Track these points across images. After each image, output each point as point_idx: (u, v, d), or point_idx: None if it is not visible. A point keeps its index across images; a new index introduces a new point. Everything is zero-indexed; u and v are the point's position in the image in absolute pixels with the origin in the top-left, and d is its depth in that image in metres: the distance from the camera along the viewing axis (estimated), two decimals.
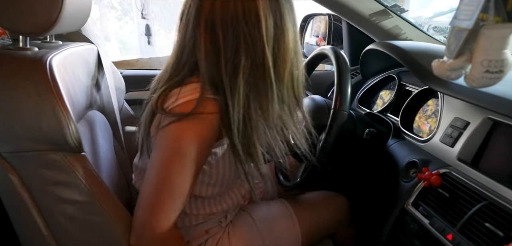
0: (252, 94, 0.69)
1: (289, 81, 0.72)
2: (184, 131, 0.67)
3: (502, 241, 0.58)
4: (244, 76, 0.67)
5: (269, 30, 0.66)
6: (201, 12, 0.67)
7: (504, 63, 0.56)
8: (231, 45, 0.66)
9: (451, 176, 0.76)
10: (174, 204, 0.69)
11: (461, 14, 0.59)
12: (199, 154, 0.68)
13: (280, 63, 0.69)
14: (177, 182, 0.68)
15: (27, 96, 0.66)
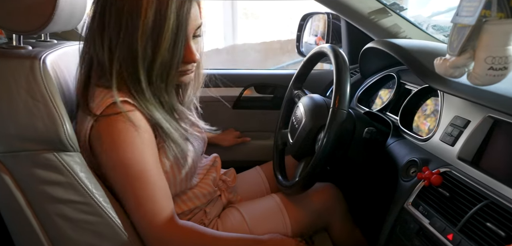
0: (129, 77, 0.72)
1: (159, 76, 0.73)
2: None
3: (504, 241, 0.57)
4: (119, 60, 0.71)
5: (146, 24, 0.68)
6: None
7: (509, 60, 0.55)
8: (113, 28, 0.69)
9: (452, 175, 0.75)
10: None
11: (463, 10, 0.58)
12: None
13: (152, 60, 0.70)
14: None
15: (20, 96, 0.66)
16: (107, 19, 0.70)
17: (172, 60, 0.71)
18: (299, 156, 1.01)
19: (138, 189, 0.71)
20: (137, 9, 0.67)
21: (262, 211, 0.98)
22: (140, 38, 0.68)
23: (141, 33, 0.68)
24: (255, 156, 1.45)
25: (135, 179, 0.71)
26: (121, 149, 0.70)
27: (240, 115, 1.47)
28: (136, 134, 0.70)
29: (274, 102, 1.47)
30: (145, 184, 0.71)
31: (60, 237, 0.72)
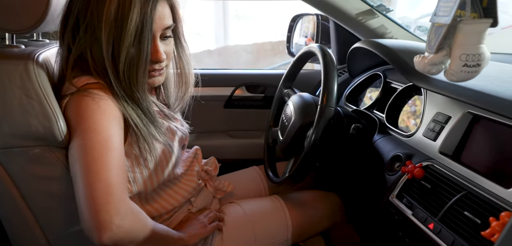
0: (97, 67, 0.72)
1: (127, 71, 0.72)
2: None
3: (479, 228, 0.61)
4: (86, 52, 0.71)
5: (109, 14, 0.68)
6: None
7: (481, 57, 0.59)
8: (77, 20, 0.70)
9: (433, 168, 0.78)
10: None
11: (440, 10, 0.61)
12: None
13: (117, 50, 0.70)
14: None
15: (14, 94, 0.67)
16: (71, 11, 0.72)
17: (138, 57, 0.71)
18: (289, 152, 1.04)
19: (97, 156, 0.65)
20: (100, 4, 0.68)
21: (264, 209, 1.00)
22: (104, 30, 0.68)
23: (104, 24, 0.68)
24: (246, 154, 1.47)
25: (96, 146, 0.66)
26: (87, 118, 0.67)
27: (231, 115, 1.50)
28: (103, 110, 0.69)
29: (264, 101, 1.50)
30: (105, 152, 0.66)
31: (54, 230, 0.74)
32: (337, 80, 0.89)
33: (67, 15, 0.72)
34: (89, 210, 0.63)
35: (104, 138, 0.66)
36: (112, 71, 0.71)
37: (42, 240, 0.74)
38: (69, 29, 0.72)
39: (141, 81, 0.74)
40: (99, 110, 0.68)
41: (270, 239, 0.95)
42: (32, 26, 0.73)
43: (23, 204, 0.72)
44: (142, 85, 0.74)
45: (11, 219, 0.75)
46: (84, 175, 0.64)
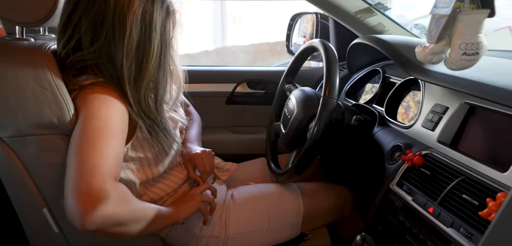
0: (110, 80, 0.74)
1: (148, 93, 0.76)
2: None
3: (477, 209, 0.64)
4: (96, 64, 0.73)
5: (130, 46, 0.72)
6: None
7: (480, 46, 0.62)
8: (88, 26, 0.72)
9: (432, 156, 0.81)
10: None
11: (440, 2, 0.64)
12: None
13: (139, 76, 0.74)
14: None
15: (28, 84, 0.68)
16: (76, 25, 0.73)
17: (159, 79, 0.76)
18: (292, 145, 1.06)
19: (90, 139, 0.65)
20: (122, 29, 0.71)
21: (279, 192, 1.02)
22: (125, 59, 0.72)
23: (125, 55, 0.72)
24: (248, 149, 1.50)
25: (92, 130, 0.66)
26: (89, 105, 0.70)
27: (233, 110, 1.52)
28: (107, 100, 0.71)
29: (265, 97, 1.53)
30: (99, 138, 0.66)
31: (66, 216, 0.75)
32: (339, 75, 0.92)
33: (71, 25, 0.74)
34: (71, 194, 0.60)
35: (101, 125, 0.67)
36: (130, 94, 0.74)
37: (55, 226, 0.76)
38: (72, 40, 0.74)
39: (161, 99, 0.79)
40: (104, 100, 0.71)
41: (282, 220, 0.98)
42: (42, 20, 0.75)
43: (36, 191, 0.73)
44: (160, 101, 0.79)
45: (24, 206, 0.77)
46: (74, 157, 0.63)
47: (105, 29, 0.71)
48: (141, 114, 0.76)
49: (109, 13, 0.71)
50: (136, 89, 0.75)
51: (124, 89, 0.74)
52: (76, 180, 0.61)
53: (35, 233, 0.80)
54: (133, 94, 0.75)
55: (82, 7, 0.72)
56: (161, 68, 0.77)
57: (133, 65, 0.73)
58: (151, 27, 0.73)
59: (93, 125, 0.67)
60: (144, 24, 0.72)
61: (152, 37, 0.73)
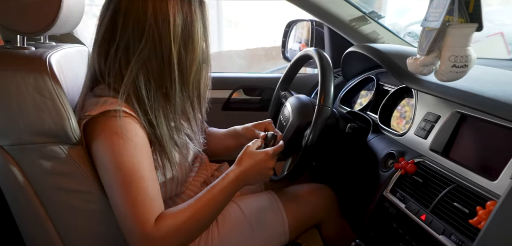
0: (155, 85, 0.75)
1: (195, 80, 0.78)
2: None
3: (468, 217, 0.66)
4: (140, 65, 0.72)
5: (176, 30, 0.72)
6: (111, 3, 0.73)
7: (469, 59, 0.64)
8: (130, 36, 0.71)
9: (425, 164, 0.83)
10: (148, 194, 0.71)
11: (430, 16, 0.66)
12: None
13: (186, 63, 0.75)
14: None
15: (28, 93, 0.69)
16: (118, 29, 0.72)
17: (204, 62, 0.77)
18: (287, 152, 1.07)
19: (124, 192, 0.70)
20: (163, 17, 0.70)
21: (260, 206, 1.02)
22: (174, 47, 0.72)
23: (173, 41, 0.71)
24: None
25: (122, 183, 0.69)
26: (113, 151, 0.70)
27: (229, 117, 1.54)
28: (129, 139, 0.70)
29: (261, 104, 1.54)
30: (132, 189, 0.70)
31: (65, 225, 0.76)
32: (333, 82, 0.94)
33: (112, 33, 0.73)
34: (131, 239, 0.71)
35: (128, 174, 0.69)
36: (179, 83, 0.75)
37: (54, 235, 0.76)
38: (120, 46, 0.72)
39: (205, 84, 0.80)
40: (125, 142, 0.70)
41: (267, 234, 0.98)
42: (44, 29, 0.76)
43: (36, 199, 0.74)
44: (205, 87, 0.81)
45: (24, 214, 0.77)
46: (118, 205, 0.71)
47: (148, 23, 0.71)
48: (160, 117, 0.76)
49: (149, 10, 0.70)
50: (183, 77, 0.75)
51: (164, 80, 0.74)
52: (131, 226, 0.70)
53: (34, 241, 0.81)
54: (180, 80, 0.75)
55: (122, 15, 0.71)
56: (206, 53, 0.78)
57: (181, 49, 0.73)
58: (191, 10, 0.74)
59: (122, 176, 0.69)
60: (183, 9, 0.73)
61: (194, 20, 0.74)
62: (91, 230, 0.78)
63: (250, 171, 0.84)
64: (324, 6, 1.30)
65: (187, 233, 0.75)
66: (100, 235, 0.79)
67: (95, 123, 0.72)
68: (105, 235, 0.80)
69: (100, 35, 0.74)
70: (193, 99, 0.80)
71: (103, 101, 0.72)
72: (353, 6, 1.33)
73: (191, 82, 0.77)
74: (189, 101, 0.79)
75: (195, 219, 0.75)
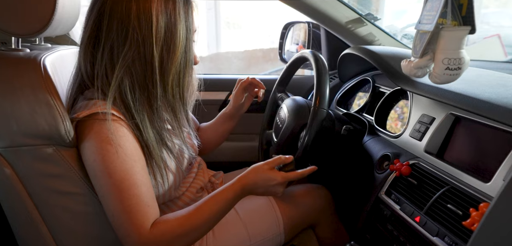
0: (138, 88, 0.74)
1: (175, 83, 0.77)
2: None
3: (461, 218, 0.66)
4: (125, 70, 0.71)
5: (159, 32, 0.72)
6: (95, 5, 0.73)
7: (462, 61, 0.65)
8: (114, 39, 0.71)
9: (419, 166, 0.84)
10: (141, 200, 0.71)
11: (424, 19, 0.67)
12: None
13: (167, 65, 0.74)
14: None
15: (23, 95, 0.69)
16: (103, 32, 0.71)
17: (185, 65, 0.76)
18: (283, 153, 1.07)
19: (117, 198, 0.69)
20: (147, 19, 0.70)
21: (255, 207, 1.02)
22: (156, 49, 0.71)
23: (155, 43, 0.71)
24: (240, 157, 1.51)
25: (115, 190, 0.69)
26: (104, 159, 0.69)
27: None
28: (119, 145, 0.69)
29: (258, 105, 1.54)
30: (125, 196, 0.69)
31: (59, 227, 0.76)
32: (329, 85, 0.94)
33: (96, 36, 0.72)
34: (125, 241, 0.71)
35: (120, 180, 0.69)
36: (160, 88, 0.74)
37: (47, 237, 0.76)
38: (105, 50, 0.72)
39: (187, 86, 0.79)
40: (115, 147, 0.69)
41: (263, 235, 0.98)
42: (38, 31, 0.76)
43: (29, 201, 0.74)
44: (187, 89, 0.79)
45: (18, 217, 0.77)
46: (110, 210, 0.70)
47: (130, 28, 0.70)
48: (150, 120, 0.76)
49: (132, 12, 0.70)
50: (164, 79, 0.75)
51: (146, 81, 0.73)
52: (125, 231, 0.70)
53: (27, 243, 0.81)
54: (161, 81, 0.74)
55: (107, 18, 0.71)
56: (187, 55, 0.77)
57: (164, 51, 0.73)
58: (175, 11, 0.73)
59: (114, 183, 0.69)
60: (167, 10, 0.73)
61: (177, 22, 0.73)
62: (85, 232, 0.77)
63: (258, 188, 0.83)
64: (321, 8, 1.31)
65: (184, 240, 0.74)
66: (95, 237, 0.79)
67: (84, 125, 0.71)
68: (99, 237, 0.80)
69: (86, 38, 0.73)
70: (175, 104, 0.78)
71: (92, 103, 0.71)
72: (349, 8, 1.33)
73: (170, 85, 0.76)
74: (170, 105, 0.78)
75: (194, 227, 0.74)
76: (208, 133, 1.16)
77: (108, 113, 0.69)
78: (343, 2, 1.32)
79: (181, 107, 0.80)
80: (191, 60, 0.78)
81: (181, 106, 0.80)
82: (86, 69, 0.74)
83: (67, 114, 0.73)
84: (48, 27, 0.76)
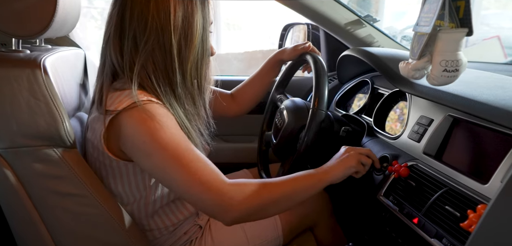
0: (159, 74, 0.75)
1: (193, 71, 0.79)
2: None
3: (459, 220, 0.66)
4: (147, 57, 0.74)
5: (177, 21, 0.74)
6: (117, 3, 0.75)
7: (459, 63, 0.65)
8: (136, 28, 0.73)
9: (418, 168, 0.84)
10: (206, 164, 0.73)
11: (422, 21, 0.67)
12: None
13: (185, 53, 0.76)
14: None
15: (22, 96, 0.70)
16: (126, 22, 0.74)
17: (203, 54, 0.78)
18: (282, 155, 1.08)
19: (180, 167, 0.70)
20: (165, 9, 0.72)
21: None
22: (174, 37, 0.74)
23: (173, 32, 0.73)
24: (240, 158, 1.51)
25: (175, 159, 0.70)
26: (152, 134, 0.69)
27: (225, 119, 1.53)
28: (164, 119, 0.71)
29: (257, 106, 1.54)
30: (187, 160, 0.71)
31: (58, 228, 0.76)
32: (328, 86, 0.95)
33: (121, 27, 0.74)
34: (205, 203, 0.72)
35: (176, 148, 0.70)
36: (180, 76, 0.76)
37: (47, 238, 0.76)
38: (129, 39, 0.74)
39: (204, 76, 0.80)
40: (161, 121, 0.71)
41: (262, 238, 0.98)
42: (39, 32, 0.76)
43: (29, 203, 0.74)
44: (204, 79, 0.81)
45: (18, 218, 0.77)
46: (180, 183, 0.71)
47: (149, 19, 0.72)
48: (181, 102, 0.78)
49: (151, 2, 0.72)
50: (182, 65, 0.76)
51: (169, 72, 0.75)
52: (202, 192, 0.70)
53: (27, 244, 0.81)
54: (181, 71, 0.76)
55: (129, 9, 0.73)
56: (204, 44, 0.79)
57: (181, 39, 0.75)
58: (192, 2, 0.75)
59: (172, 153, 0.70)
60: (185, 1, 0.74)
61: (194, 11, 0.75)
62: (85, 233, 0.78)
63: (334, 168, 0.84)
64: (320, 9, 1.31)
65: (267, 202, 0.75)
66: (95, 240, 0.79)
67: (122, 116, 0.71)
68: (100, 240, 0.80)
69: (112, 29, 0.76)
70: (193, 92, 0.80)
71: (125, 94, 0.72)
72: (348, 10, 1.34)
73: (188, 73, 0.78)
74: (189, 93, 0.80)
75: (277, 198, 0.76)
76: (250, 87, 1.20)
77: (135, 95, 0.70)
78: (342, 3, 1.32)
79: (199, 96, 0.82)
80: (208, 50, 0.80)
81: (199, 95, 0.82)
82: (116, 59, 0.76)
83: (67, 115, 0.73)
84: (48, 28, 0.76)
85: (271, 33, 4.08)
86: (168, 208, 0.89)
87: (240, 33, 4.92)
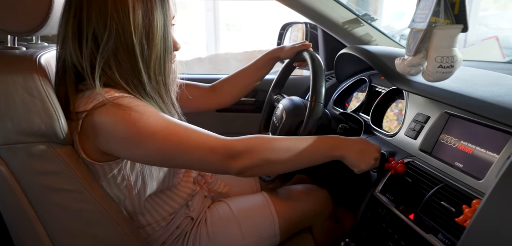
0: (125, 74, 0.74)
1: (157, 69, 0.78)
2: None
3: (454, 215, 0.66)
4: (111, 58, 0.72)
5: (137, 21, 0.72)
6: (71, 3, 0.73)
7: (454, 59, 0.65)
8: (95, 28, 0.71)
9: (414, 164, 0.84)
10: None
11: (417, 17, 0.67)
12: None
13: (148, 52, 0.75)
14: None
15: (18, 93, 0.69)
16: (84, 23, 0.71)
17: (165, 51, 0.77)
18: None
19: (177, 142, 0.71)
20: (124, 8, 0.71)
21: (250, 206, 1.01)
22: (135, 37, 0.72)
23: (134, 32, 0.72)
24: None
25: (169, 138, 0.70)
26: (135, 124, 0.69)
27: (224, 118, 1.54)
28: (141, 108, 0.70)
29: (256, 105, 1.55)
30: (181, 133, 0.71)
31: (54, 224, 0.76)
32: (325, 83, 0.95)
33: (79, 28, 0.72)
34: (212, 162, 0.73)
35: (166, 127, 0.71)
36: (145, 74, 0.75)
37: (42, 235, 0.76)
38: (88, 40, 0.72)
39: (168, 72, 0.80)
40: (141, 109, 0.70)
41: (257, 235, 0.97)
42: (34, 29, 0.76)
43: (24, 199, 0.74)
44: (168, 75, 0.80)
45: (13, 215, 0.77)
46: (185, 159, 0.73)
47: (108, 19, 0.71)
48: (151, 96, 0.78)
49: (109, 1, 0.70)
50: (145, 63, 0.75)
51: (133, 70, 0.74)
52: (211, 158, 0.73)
53: (23, 241, 0.81)
54: (144, 69, 0.75)
55: (85, 10, 0.71)
56: (166, 42, 0.78)
57: (143, 39, 0.74)
58: (151, 0, 0.74)
59: (164, 136, 0.71)
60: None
61: (153, 9, 0.74)
62: (81, 230, 0.77)
63: (352, 150, 0.84)
64: (318, 8, 1.31)
65: (270, 154, 0.77)
66: (91, 236, 0.79)
67: (95, 115, 0.70)
68: (96, 236, 0.79)
69: (70, 32, 0.73)
70: (160, 90, 0.79)
71: (96, 92, 0.70)
72: (346, 9, 1.34)
73: (152, 71, 0.76)
74: (157, 91, 0.79)
75: (281, 147, 0.78)
76: (237, 79, 1.20)
77: (101, 93, 0.69)
78: (340, 2, 1.32)
79: (166, 93, 0.81)
80: (170, 47, 0.79)
81: (165, 92, 0.81)
82: (78, 60, 0.73)
83: (62, 112, 0.73)
84: (44, 25, 0.76)
85: (270, 33, 4.09)
86: (154, 202, 0.88)
87: (240, 33, 4.93)
